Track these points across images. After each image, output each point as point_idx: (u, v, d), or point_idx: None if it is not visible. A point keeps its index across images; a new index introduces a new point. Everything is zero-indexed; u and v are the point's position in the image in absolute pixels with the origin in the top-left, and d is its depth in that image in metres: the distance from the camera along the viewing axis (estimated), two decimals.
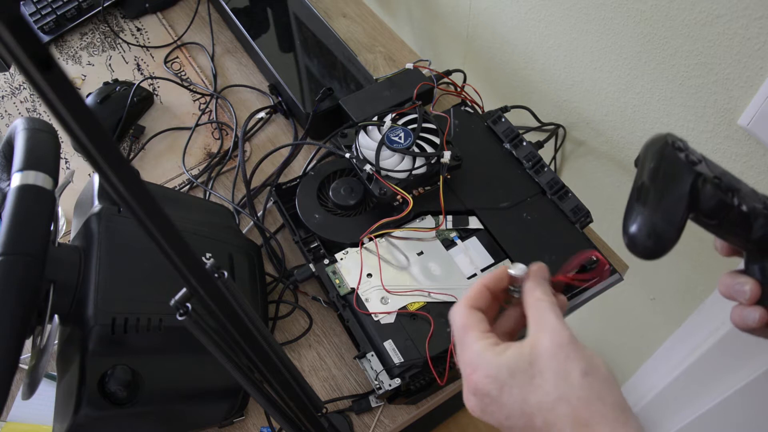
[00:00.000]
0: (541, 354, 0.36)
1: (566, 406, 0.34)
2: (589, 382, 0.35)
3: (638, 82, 0.68)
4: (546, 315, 0.38)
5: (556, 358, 0.35)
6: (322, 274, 0.64)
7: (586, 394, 0.34)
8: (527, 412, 0.35)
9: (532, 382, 0.35)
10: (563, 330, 0.37)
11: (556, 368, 0.35)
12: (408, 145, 0.66)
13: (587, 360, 0.36)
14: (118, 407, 0.48)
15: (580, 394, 0.34)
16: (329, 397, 0.63)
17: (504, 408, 0.36)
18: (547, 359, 0.36)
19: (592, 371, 0.35)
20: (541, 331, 0.37)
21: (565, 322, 0.38)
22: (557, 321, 0.37)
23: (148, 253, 0.52)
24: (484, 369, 0.37)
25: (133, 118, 0.87)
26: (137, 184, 0.24)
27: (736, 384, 0.82)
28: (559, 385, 0.35)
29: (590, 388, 0.35)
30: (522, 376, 0.36)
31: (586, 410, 0.34)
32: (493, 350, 0.37)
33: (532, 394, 0.35)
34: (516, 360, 0.36)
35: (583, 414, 0.34)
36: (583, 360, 0.35)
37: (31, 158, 0.44)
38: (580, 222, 0.66)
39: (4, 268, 0.39)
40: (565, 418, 0.34)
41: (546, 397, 0.35)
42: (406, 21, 1.14)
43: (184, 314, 0.32)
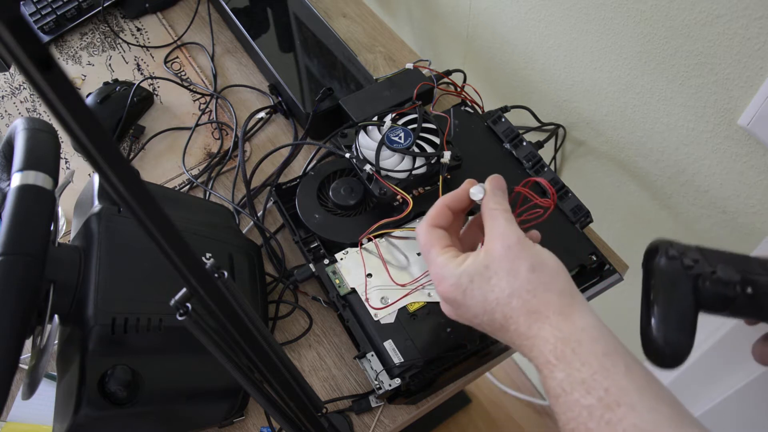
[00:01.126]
0: (494, 257, 0.40)
1: (518, 299, 0.39)
2: (537, 276, 0.39)
3: (638, 82, 0.68)
4: (497, 222, 0.42)
5: (507, 258, 0.40)
6: (322, 274, 0.64)
7: (534, 286, 0.39)
8: (488, 309, 0.40)
9: (489, 283, 0.40)
10: (512, 233, 0.41)
11: (508, 267, 0.40)
12: (408, 145, 0.66)
13: (534, 256, 0.40)
14: (118, 407, 0.48)
15: (528, 287, 0.39)
16: (329, 397, 0.63)
17: (470, 309, 0.41)
18: (499, 261, 0.40)
19: (539, 266, 0.40)
20: (494, 237, 0.42)
21: (516, 225, 0.42)
22: (507, 225, 0.42)
23: (148, 253, 0.52)
24: (449, 279, 0.42)
25: (133, 118, 0.87)
26: (137, 184, 0.24)
27: (736, 384, 0.82)
28: (510, 281, 0.39)
29: (537, 281, 0.39)
30: (480, 279, 0.40)
31: (534, 300, 0.39)
32: (454, 262, 0.42)
33: (490, 293, 0.40)
34: (473, 266, 0.41)
35: (532, 303, 0.39)
36: (530, 257, 0.40)
37: (31, 158, 0.44)
38: (580, 222, 0.66)
39: (4, 268, 0.39)
40: (518, 309, 0.39)
41: (501, 294, 0.40)
42: (406, 21, 1.14)
43: (184, 314, 0.32)
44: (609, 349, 0.37)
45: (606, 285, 0.65)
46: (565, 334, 0.37)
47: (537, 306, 0.39)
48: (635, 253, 0.87)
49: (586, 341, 0.37)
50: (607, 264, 0.65)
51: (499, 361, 0.66)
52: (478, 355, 0.61)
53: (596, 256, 0.64)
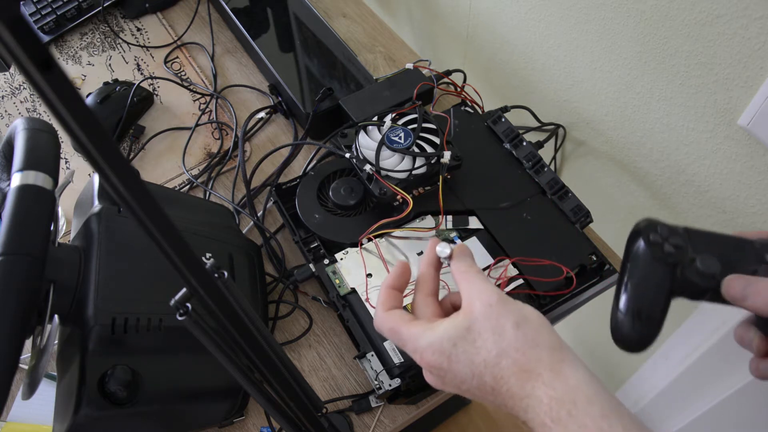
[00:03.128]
0: (476, 317, 0.39)
1: (507, 358, 0.37)
2: (523, 333, 0.38)
3: (638, 82, 0.68)
4: (473, 281, 0.41)
5: (489, 317, 0.38)
6: (322, 274, 0.64)
7: (521, 344, 0.37)
8: (477, 372, 0.38)
9: (474, 345, 0.38)
10: (491, 291, 0.40)
11: (491, 327, 0.38)
12: (408, 145, 0.66)
13: (517, 313, 0.39)
14: (118, 407, 0.48)
15: (516, 345, 0.37)
16: (329, 397, 0.63)
17: (457, 375, 0.39)
18: (482, 321, 0.38)
19: (524, 322, 0.38)
20: (472, 297, 0.40)
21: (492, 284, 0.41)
22: (484, 284, 0.40)
23: (148, 253, 0.52)
24: (429, 347, 0.40)
25: (133, 118, 0.87)
26: (137, 184, 0.24)
27: (736, 384, 0.82)
28: (497, 341, 0.38)
29: (524, 338, 0.38)
30: (463, 343, 0.38)
31: (524, 358, 0.37)
32: (429, 329, 0.40)
33: (477, 356, 0.38)
34: (454, 329, 0.39)
35: (522, 361, 0.37)
36: (513, 314, 0.39)
37: (31, 158, 0.44)
38: (580, 222, 0.66)
39: (4, 268, 0.39)
40: (508, 369, 0.37)
41: (488, 354, 0.38)
42: (406, 21, 1.14)
43: (184, 314, 0.32)
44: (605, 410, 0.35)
45: (606, 285, 0.65)
46: (559, 393, 0.36)
47: (527, 364, 0.37)
48: None
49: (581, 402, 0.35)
50: (607, 264, 0.65)
51: None
52: None
53: (596, 256, 0.64)
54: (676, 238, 0.40)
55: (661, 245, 0.39)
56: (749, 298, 0.38)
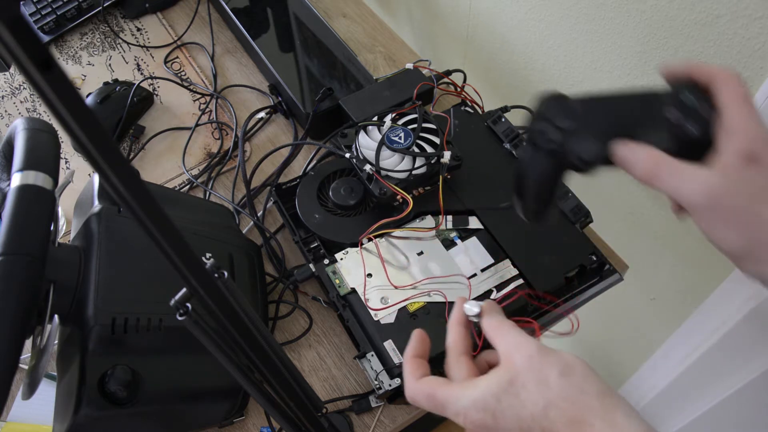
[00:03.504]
0: (517, 371, 0.37)
1: (555, 409, 0.36)
2: (569, 381, 0.36)
3: (638, 82, 0.68)
4: (508, 335, 0.40)
5: (532, 369, 0.37)
6: (322, 274, 0.64)
7: (568, 393, 0.36)
8: (524, 427, 0.36)
9: (519, 398, 0.37)
10: (530, 343, 0.38)
11: (535, 378, 0.37)
12: (408, 145, 0.66)
13: (560, 361, 0.37)
14: (118, 407, 0.48)
15: (563, 394, 0.36)
16: (329, 397, 0.63)
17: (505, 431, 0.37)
18: (525, 373, 0.37)
19: (568, 370, 0.37)
20: (510, 351, 0.39)
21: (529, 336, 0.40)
22: (521, 337, 0.39)
23: (148, 253, 0.52)
24: (472, 406, 0.38)
25: (133, 118, 0.87)
26: (137, 184, 0.24)
27: (736, 384, 0.82)
28: (542, 392, 0.36)
29: (571, 386, 0.36)
30: (507, 397, 0.37)
31: (573, 408, 0.35)
32: (468, 389, 0.39)
33: (523, 409, 0.36)
34: (496, 384, 0.37)
35: (572, 412, 0.35)
36: (556, 363, 0.37)
37: (31, 158, 0.44)
38: (580, 222, 0.66)
39: (4, 268, 0.39)
40: (558, 421, 0.35)
41: (535, 408, 0.36)
42: (406, 21, 1.14)
43: (184, 314, 0.32)
44: None
45: (606, 285, 0.65)
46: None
47: (577, 414, 0.35)
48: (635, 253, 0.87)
49: None
50: (607, 264, 0.65)
51: None
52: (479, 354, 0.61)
53: (596, 256, 0.64)
54: (565, 120, 0.42)
55: (543, 132, 0.43)
56: (629, 168, 0.40)
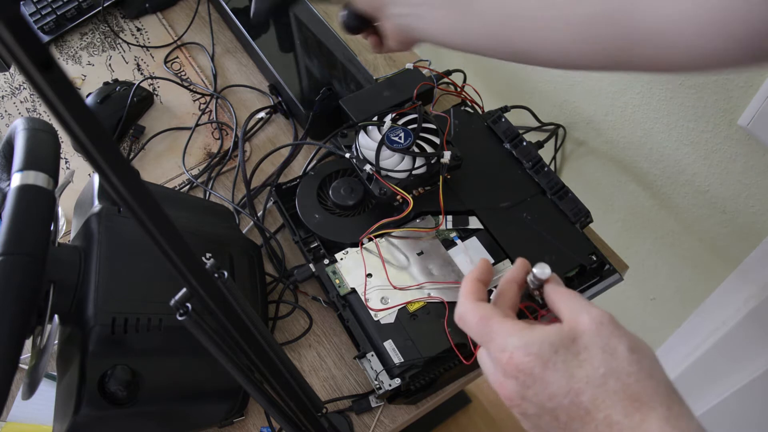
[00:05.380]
0: (583, 331, 0.34)
1: (616, 381, 0.32)
2: (638, 358, 0.33)
3: (638, 82, 0.68)
4: (581, 300, 0.37)
5: (600, 334, 0.34)
6: (322, 274, 0.64)
7: (636, 369, 0.33)
8: (574, 388, 0.33)
9: (578, 357, 0.33)
10: (602, 311, 0.35)
11: (602, 344, 0.33)
12: (408, 145, 0.66)
13: (631, 338, 0.34)
14: (118, 407, 0.48)
15: (629, 369, 0.33)
16: (329, 397, 0.63)
17: (548, 387, 0.33)
18: (591, 335, 0.34)
19: (639, 348, 0.34)
20: (580, 312, 0.35)
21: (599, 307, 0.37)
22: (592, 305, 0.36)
23: (148, 253, 0.52)
24: (524, 347, 0.34)
25: (133, 118, 0.87)
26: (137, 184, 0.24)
27: (736, 384, 0.82)
28: (606, 359, 0.33)
29: (639, 364, 0.33)
30: (565, 352, 0.34)
31: (637, 385, 0.32)
32: (527, 328, 0.35)
33: (579, 369, 0.33)
34: (557, 336, 0.34)
35: (635, 389, 0.32)
36: (627, 337, 0.34)
37: (31, 158, 0.44)
38: (580, 222, 0.66)
39: (4, 268, 0.39)
40: (614, 394, 0.32)
41: (594, 372, 0.33)
42: None
43: (184, 314, 0.32)
44: None
45: (606, 285, 0.65)
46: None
47: (639, 393, 0.32)
48: (635, 253, 0.87)
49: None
50: (607, 264, 0.65)
51: None
52: None
53: (596, 256, 0.64)
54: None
55: None
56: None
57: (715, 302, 0.77)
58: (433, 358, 0.57)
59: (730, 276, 0.73)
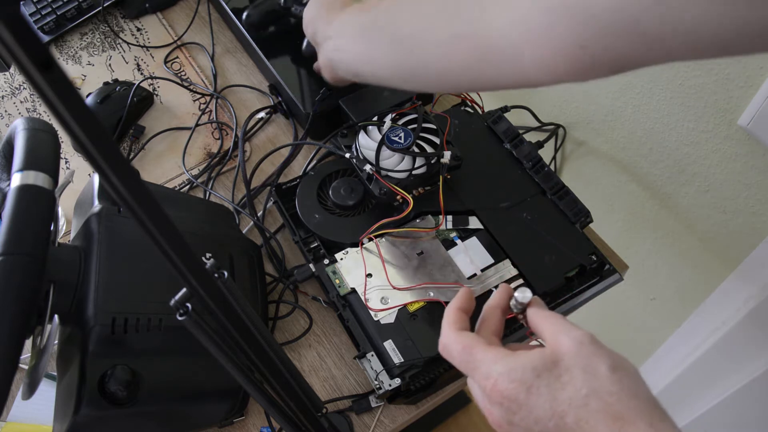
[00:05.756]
0: (564, 353, 0.35)
1: (598, 400, 0.33)
2: (619, 377, 0.34)
3: (638, 82, 0.68)
4: (559, 322, 0.37)
5: (580, 355, 0.34)
6: (322, 274, 0.64)
7: (617, 388, 0.33)
8: (558, 410, 0.33)
9: (560, 380, 0.34)
10: (582, 332, 0.36)
11: (583, 365, 0.34)
12: (408, 145, 0.66)
13: (613, 357, 0.35)
14: (118, 407, 0.48)
15: (611, 388, 0.33)
16: (329, 397, 0.63)
17: (533, 411, 0.34)
18: (572, 357, 0.34)
19: (620, 367, 0.34)
20: (560, 334, 0.36)
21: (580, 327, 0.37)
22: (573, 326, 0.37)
23: (148, 253, 0.52)
24: (507, 374, 0.35)
25: (133, 118, 0.87)
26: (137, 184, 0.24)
27: (736, 384, 0.82)
28: (588, 380, 0.34)
29: (620, 383, 0.33)
30: (548, 375, 0.34)
31: (619, 404, 0.33)
32: (510, 355, 0.36)
33: (562, 392, 0.34)
34: (539, 360, 0.35)
35: (617, 408, 0.33)
36: (608, 356, 0.35)
37: (31, 158, 0.44)
38: (580, 222, 0.66)
39: (4, 268, 0.39)
40: (597, 413, 0.33)
41: (576, 393, 0.33)
42: None
43: (184, 314, 0.32)
44: None
45: (606, 285, 0.65)
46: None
47: (622, 411, 0.32)
48: (635, 253, 0.87)
49: None
50: (607, 264, 0.65)
51: None
52: None
53: (596, 256, 0.64)
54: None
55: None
56: None
57: (715, 302, 0.77)
58: (433, 358, 0.57)
59: (730, 276, 0.73)
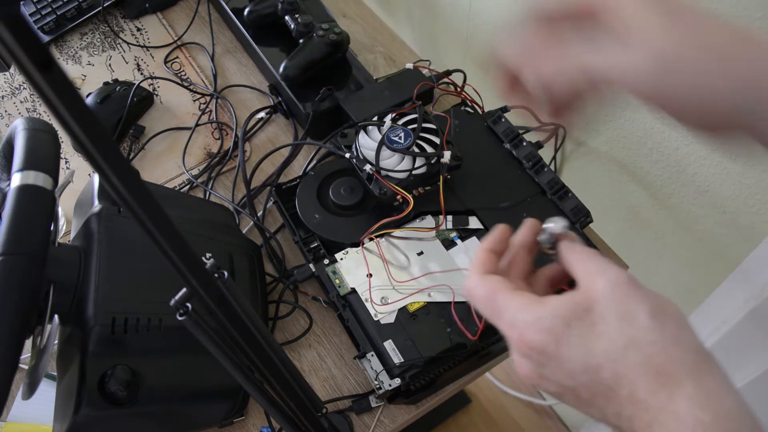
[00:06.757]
0: (597, 298, 0.30)
1: (637, 352, 0.29)
2: (660, 324, 0.29)
3: None
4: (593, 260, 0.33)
5: (616, 299, 0.30)
6: (322, 274, 0.64)
7: (658, 337, 0.29)
8: (592, 364, 0.30)
9: (594, 330, 0.30)
10: (619, 270, 0.32)
11: (619, 311, 0.30)
12: (408, 145, 0.66)
13: (653, 299, 0.30)
14: (118, 407, 0.48)
15: (651, 337, 0.29)
16: (329, 397, 0.63)
17: (565, 364, 0.30)
18: (607, 302, 0.30)
19: (661, 311, 0.30)
20: (595, 275, 0.32)
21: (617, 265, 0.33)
22: (608, 263, 0.32)
23: (148, 253, 0.52)
24: (535, 324, 0.31)
25: (133, 118, 0.87)
26: (137, 184, 0.24)
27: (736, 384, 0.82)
28: (624, 329, 0.29)
29: (662, 330, 0.29)
30: (580, 325, 0.30)
31: (662, 355, 0.29)
32: (537, 302, 0.32)
33: (596, 342, 0.30)
34: (569, 307, 0.31)
35: (659, 360, 0.29)
36: (648, 299, 0.30)
37: (31, 158, 0.44)
38: (580, 222, 0.66)
39: (4, 268, 0.39)
40: (637, 367, 0.29)
41: (612, 345, 0.29)
42: (406, 21, 1.14)
43: (184, 314, 0.32)
44: None
45: None
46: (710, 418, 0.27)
47: (665, 364, 0.28)
48: (635, 253, 0.87)
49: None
50: None
51: (499, 361, 0.66)
52: (478, 355, 0.61)
53: None
54: None
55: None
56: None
57: (715, 302, 0.77)
58: (433, 358, 0.57)
59: (730, 276, 0.73)
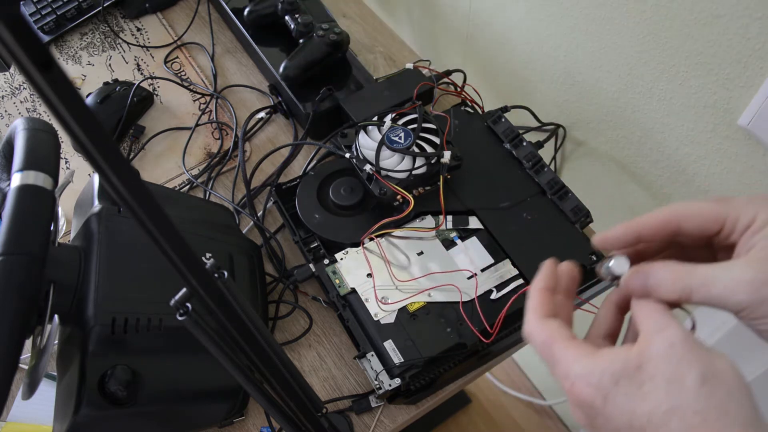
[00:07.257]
0: (651, 357, 0.30)
1: (680, 421, 0.28)
2: (709, 391, 0.29)
3: (638, 82, 0.68)
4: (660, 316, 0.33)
5: (668, 360, 0.30)
6: (322, 274, 0.64)
7: (704, 405, 0.28)
8: (635, 426, 0.30)
9: (641, 390, 0.30)
10: (676, 328, 0.31)
11: (668, 373, 0.29)
12: (408, 145, 0.66)
13: (706, 362, 0.30)
14: (118, 407, 0.48)
15: (696, 406, 0.28)
16: (329, 397, 0.63)
17: (611, 421, 0.31)
18: (658, 362, 0.30)
19: (713, 377, 0.29)
20: (654, 333, 0.31)
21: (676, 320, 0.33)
22: (669, 318, 0.32)
23: (148, 253, 0.52)
24: (584, 378, 0.31)
25: (133, 118, 0.87)
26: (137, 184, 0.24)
27: None
28: (671, 393, 0.29)
29: (709, 398, 0.29)
30: (628, 384, 0.30)
31: (704, 427, 0.28)
32: (590, 356, 0.32)
33: (641, 403, 0.30)
34: (620, 364, 0.31)
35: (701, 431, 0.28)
36: (700, 362, 0.29)
37: (31, 158, 0.44)
38: (580, 222, 0.66)
39: (4, 268, 0.39)
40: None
41: (657, 408, 0.29)
42: (406, 21, 1.14)
43: (184, 314, 0.32)
44: None
45: (606, 285, 0.65)
46: None
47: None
48: None
49: None
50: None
51: (499, 361, 0.66)
52: (478, 355, 0.61)
53: (596, 256, 0.64)
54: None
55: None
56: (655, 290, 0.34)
57: None
58: (433, 358, 0.57)
59: None
